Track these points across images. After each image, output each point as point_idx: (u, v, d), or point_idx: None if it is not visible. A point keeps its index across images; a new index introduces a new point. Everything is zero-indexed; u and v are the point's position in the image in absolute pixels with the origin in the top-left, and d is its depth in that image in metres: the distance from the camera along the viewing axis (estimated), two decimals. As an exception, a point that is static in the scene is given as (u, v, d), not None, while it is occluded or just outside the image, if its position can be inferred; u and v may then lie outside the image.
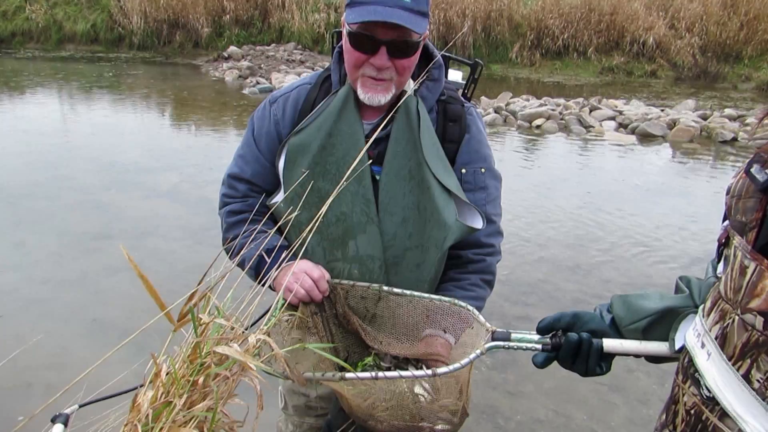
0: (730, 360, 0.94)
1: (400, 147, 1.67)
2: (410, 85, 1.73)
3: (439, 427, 1.42)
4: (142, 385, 1.06)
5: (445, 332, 1.60)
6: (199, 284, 1.10)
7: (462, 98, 1.85)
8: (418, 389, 1.40)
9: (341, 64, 1.72)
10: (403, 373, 1.33)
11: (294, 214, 1.56)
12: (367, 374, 1.33)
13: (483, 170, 1.79)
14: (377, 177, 1.70)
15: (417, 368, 1.63)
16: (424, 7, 1.57)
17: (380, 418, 1.41)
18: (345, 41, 1.63)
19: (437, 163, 1.68)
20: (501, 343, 1.35)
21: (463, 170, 1.77)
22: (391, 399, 1.37)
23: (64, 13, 18.45)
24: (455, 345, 1.58)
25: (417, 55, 1.65)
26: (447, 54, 1.83)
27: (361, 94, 1.63)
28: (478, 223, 1.71)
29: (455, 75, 1.97)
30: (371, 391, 1.37)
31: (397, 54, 1.58)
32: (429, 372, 1.30)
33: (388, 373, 1.33)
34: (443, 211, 1.66)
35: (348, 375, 1.32)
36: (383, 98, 1.63)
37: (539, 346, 1.32)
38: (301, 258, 1.49)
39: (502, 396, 3.51)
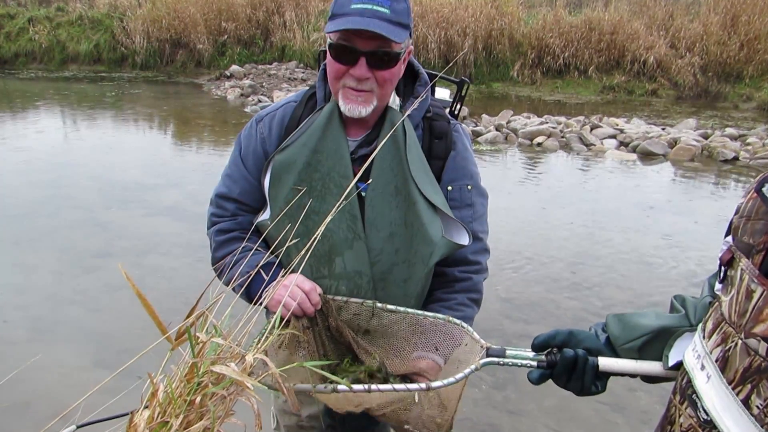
0: (730, 384, 0.92)
1: (386, 163, 1.67)
2: (395, 102, 1.73)
3: None
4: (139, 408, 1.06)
5: (437, 349, 1.59)
6: (196, 304, 1.09)
7: (448, 115, 1.85)
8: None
9: (326, 82, 1.72)
10: (397, 386, 1.32)
11: (286, 232, 1.55)
12: (360, 386, 1.33)
13: (469, 187, 1.80)
14: (363, 193, 1.69)
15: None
16: (405, 20, 1.58)
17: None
18: (327, 53, 1.64)
19: (424, 179, 1.68)
20: (496, 359, 1.34)
21: (450, 187, 1.77)
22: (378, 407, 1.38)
23: (67, 34, 18.54)
24: (446, 364, 1.57)
25: (399, 68, 1.65)
26: (432, 71, 1.83)
27: (342, 106, 1.64)
28: (465, 240, 1.71)
29: (443, 93, 1.97)
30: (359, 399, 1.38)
31: (377, 65, 1.58)
32: (423, 386, 1.30)
33: (381, 386, 1.33)
34: (429, 227, 1.66)
35: (340, 387, 1.32)
36: (364, 110, 1.63)
37: (534, 363, 1.30)
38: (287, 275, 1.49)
39: (502, 414, 3.49)
